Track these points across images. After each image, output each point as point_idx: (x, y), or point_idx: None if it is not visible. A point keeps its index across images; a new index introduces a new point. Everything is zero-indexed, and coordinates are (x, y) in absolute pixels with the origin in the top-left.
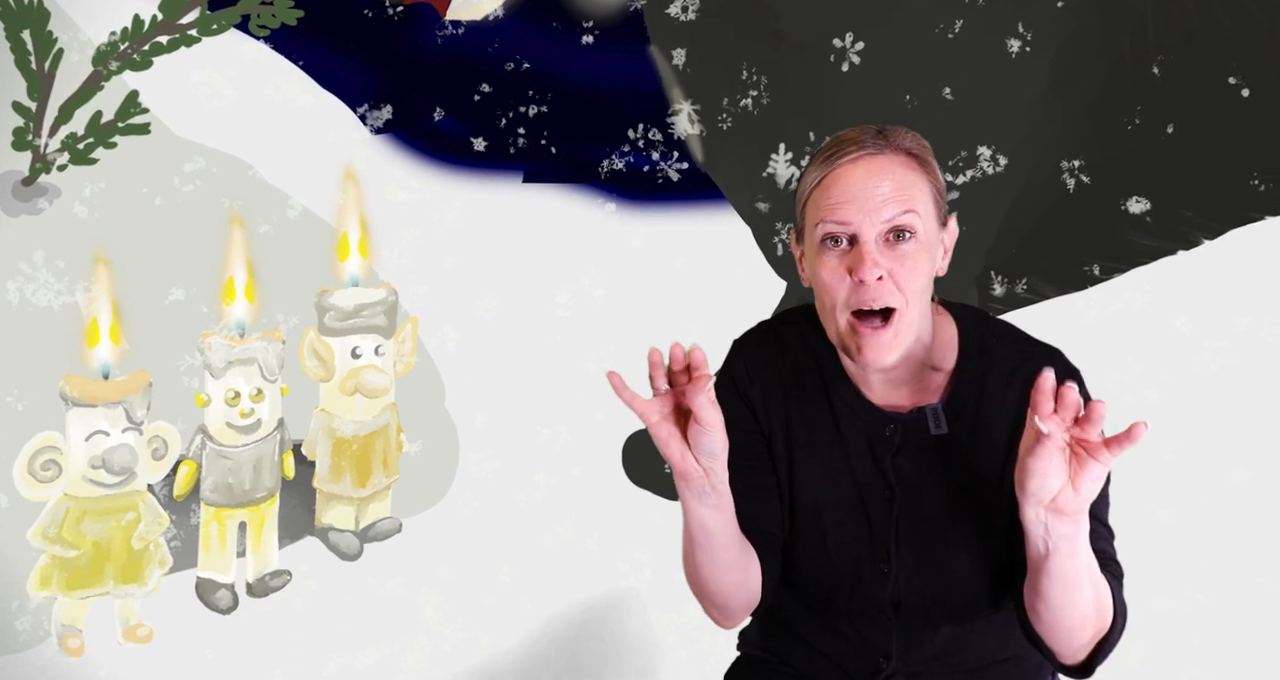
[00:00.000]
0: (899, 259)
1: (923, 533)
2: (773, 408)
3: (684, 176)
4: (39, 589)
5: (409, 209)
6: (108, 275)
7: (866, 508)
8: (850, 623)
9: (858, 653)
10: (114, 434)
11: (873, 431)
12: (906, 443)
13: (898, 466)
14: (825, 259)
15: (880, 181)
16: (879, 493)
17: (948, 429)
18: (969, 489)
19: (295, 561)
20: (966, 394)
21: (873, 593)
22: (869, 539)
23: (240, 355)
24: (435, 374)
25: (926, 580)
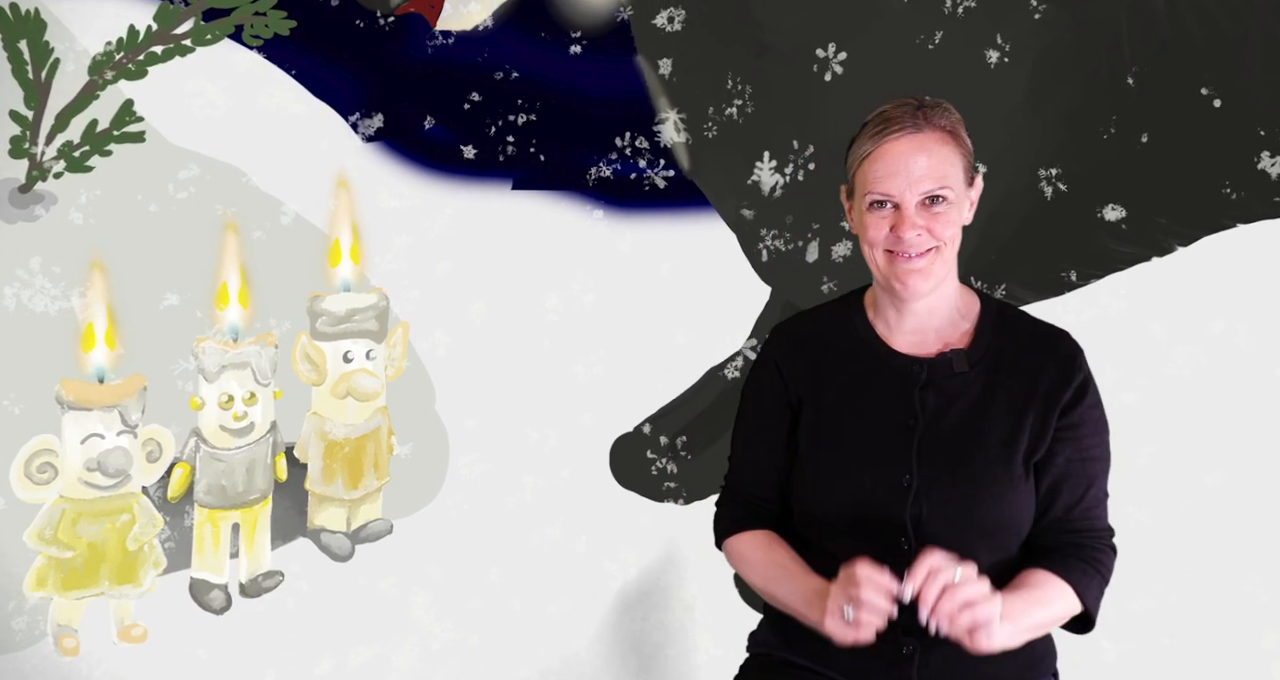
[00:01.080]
0: (933, 217)
1: (943, 455)
2: (804, 372)
3: (670, 184)
4: (35, 589)
5: (400, 216)
6: (103, 281)
7: (890, 437)
8: (868, 550)
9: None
10: (109, 437)
11: (901, 373)
12: (932, 379)
13: (923, 398)
14: (871, 217)
15: (919, 157)
16: (903, 423)
17: (969, 369)
18: (986, 424)
19: (288, 562)
20: (987, 344)
21: (893, 511)
22: (891, 462)
23: (233, 359)
24: (426, 378)
25: (945, 494)
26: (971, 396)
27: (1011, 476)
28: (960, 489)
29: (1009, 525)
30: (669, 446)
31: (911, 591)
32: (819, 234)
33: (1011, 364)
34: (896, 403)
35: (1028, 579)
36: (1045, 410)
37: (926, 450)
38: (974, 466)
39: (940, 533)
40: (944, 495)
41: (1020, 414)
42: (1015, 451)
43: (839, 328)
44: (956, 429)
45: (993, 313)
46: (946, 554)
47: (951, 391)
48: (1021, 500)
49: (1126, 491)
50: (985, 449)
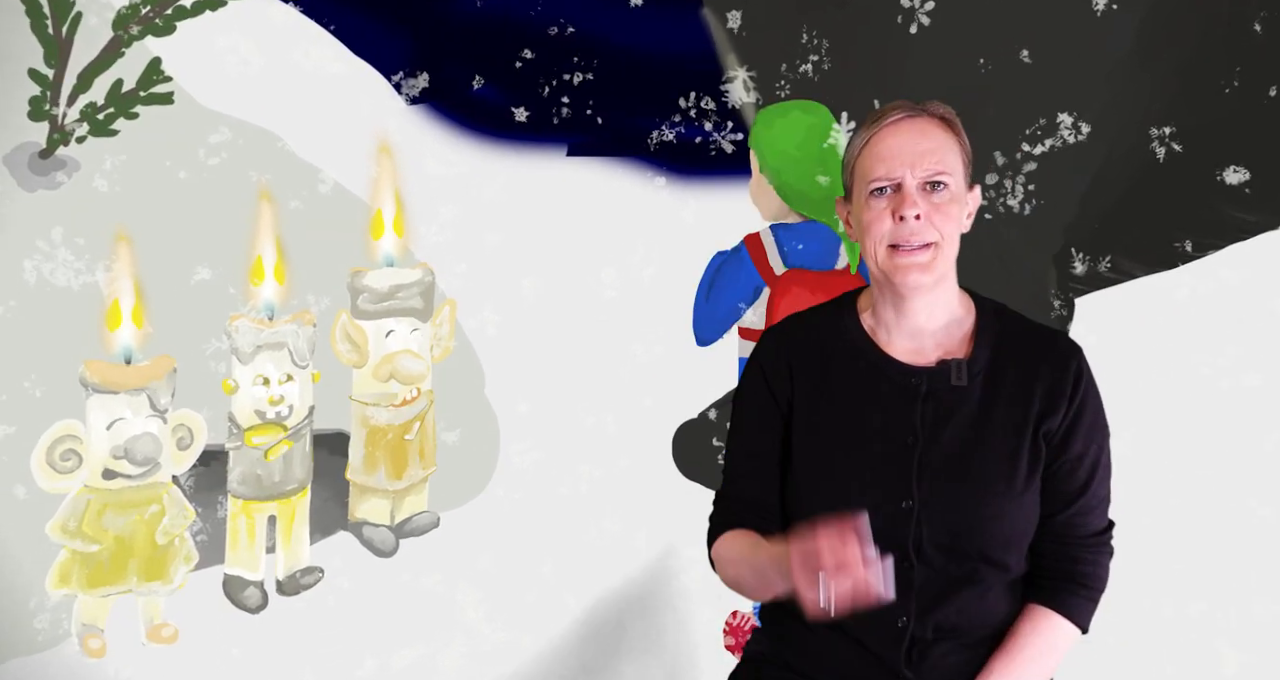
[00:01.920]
0: (935, 206)
1: (943, 473)
2: (801, 379)
3: (738, 148)
4: (58, 586)
5: (446, 184)
6: (130, 254)
7: (889, 454)
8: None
9: (876, 615)
10: (137, 422)
11: (900, 385)
12: (932, 392)
13: (923, 413)
14: (872, 204)
15: (920, 139)
16: (902, 438)
17: (967, 381)
18: (987, 435)
19: (327, 557)
20: (986, 353)
21: (895, 532)
22: (891, 480)
23: (269, 339)
24: (474, 359)
25: (946, 515)
26: (971, 408)
27: (1014, 492)
28: (962, 510)
29: (1013, 540)
30: None
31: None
32: None
33: (1010, 370)
34: (895, 417)
35: (1024, 627)
36: (1044, 415)
37: (927, 470)
38: (976, 486)
39: (942, 553)
40: (946, 518)
41: (1021, 423)
42: (1017, 465)
43: (834, 332)
44: (957, 445)
45: (989, 316)
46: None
47: (951, 404)
48: (1025, 514)
49: (1250, 484)
50: (987, 466)
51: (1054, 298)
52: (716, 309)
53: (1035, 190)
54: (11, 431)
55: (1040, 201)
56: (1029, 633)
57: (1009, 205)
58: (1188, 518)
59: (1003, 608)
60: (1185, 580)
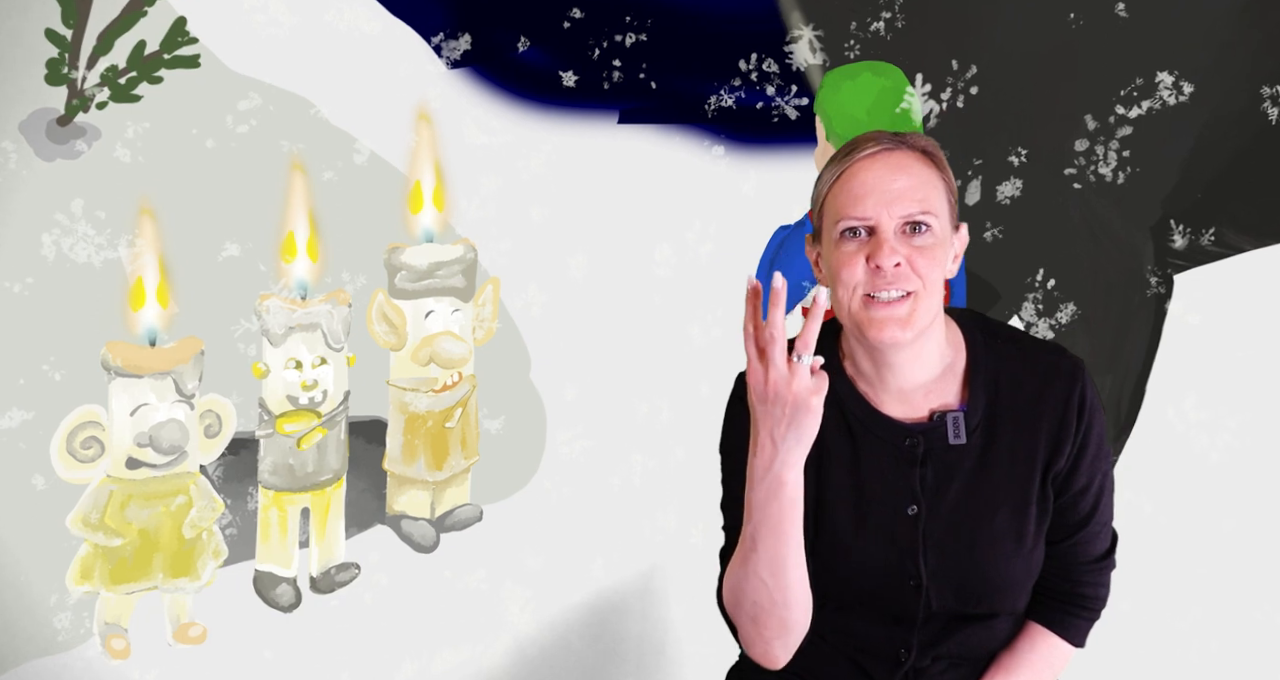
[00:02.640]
0: (917, 249)
1: (949, 541)
2: None
3: (803, 114)
4: (79, 583)
5: (489, 154)
6: (154, 228)
7: (892, 525)
8: (873, 622)
9: (877, 647)
10: (162, 408)
11: (893, 445)
12: (929, 452)
13: (922, 477)
14: (843, 248)
15: (897, 176)
16: (903, 508)
17: (965, 438)
18: (991, 493)
19: (364, 553)
20: (982, 399)
21: (902, 603)
22: (896, 556)
23: (302, 320)
24: (519, 342)
25: (955, 588)
26: (973, 465)
27: (1024, 549)
28: (971, 579)
29: (1022, 591)
30: None
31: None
32: (981, 171)
33: (1011, 412)
34: (893, 484)
35: (1022, 646)
36: (1051, 458)
37: (932, 540)
38: (984, 552)
39: (951, 611)
40: (954, 587)
41: (1027, 474)
42: (1025, 520)
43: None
44: (961, 510)
45: (980, 352)
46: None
47: (951, 463)
48: (1034, 562)
49: None
50: (994, 528)
51: (1150, 274)
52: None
53: (1130, 157)
54: (29, 418)
55: (1136, 169)
56: (1027, 651)
57: (1101, 174)
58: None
59: (1006, 632)
60: None
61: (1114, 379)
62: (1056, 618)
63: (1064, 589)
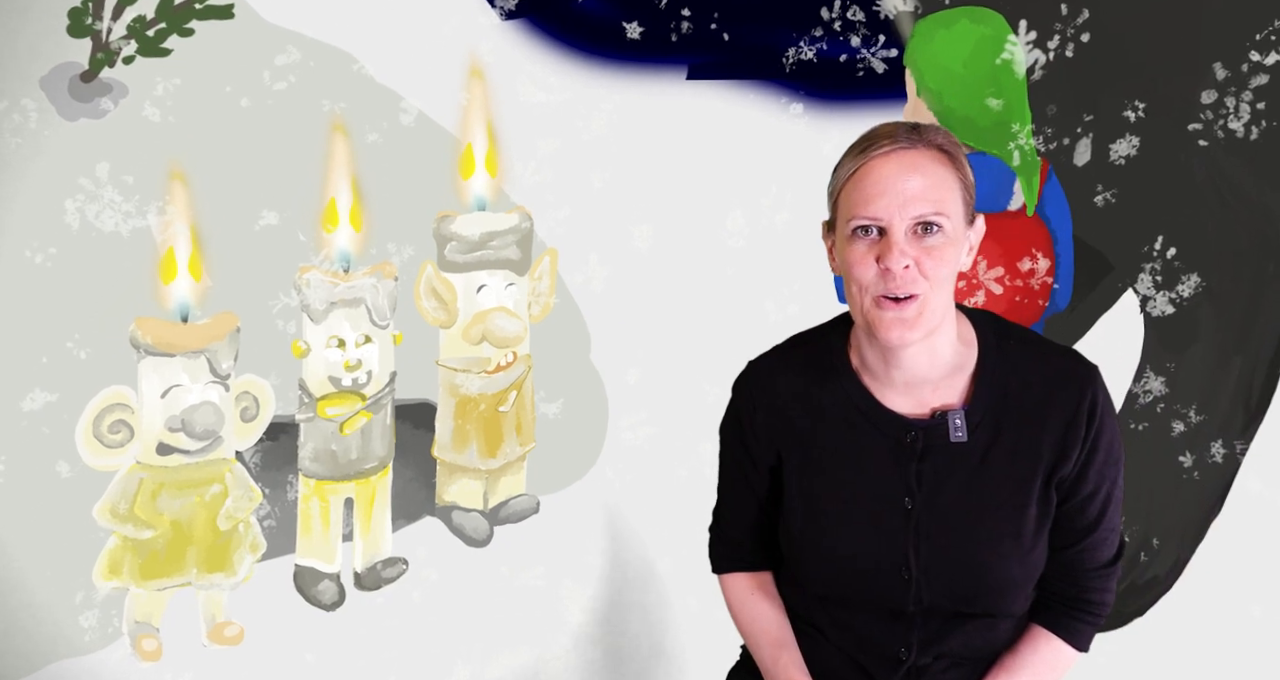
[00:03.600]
0: (926, 250)
1: (944, 537)
2: (783, 429)
3: (892, 67)
4: (107, 578)
5: (547, 113)
6: (185, 194)
7: (886, 517)
8: (871, 617)
9: (877, 645)
10: (195, 389)
11: (894, 439)
12: (929, 448)
13: (919, 472)
14: (855, 246)
15: (911, 176)
16: (898, 501)
17: (967, 436)
18: (990, 492)
19: (412, 547)
20: (987, 399)
21: (894, 596)
22: (888, 547)
23: (345, 295)
24: (578, 319)
25: (949, 584)
26: (973, 463)
27: (1021, 550)
28: (965, 576)
29: (1020, 592)
30: None
31: None
32: (1092, 128)
33: (1016, 414)
34: (890, 477)
35: (1025, 648)
36: (1056, 463)
37: (926, 534)
38: (979, 550)
39: (945, 609)
40: (948, 584)
41: (1028, 475)
42: (1024, 520)
43: (820, 374)
44: (958, 507)
45: (991, 352)
46: None
47: (951, 459)
48: (1033, 564)
49: None
50: (992, 526)
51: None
52: None
53: (1266, 110)
54: (53, 400)
55: (1273, 123)
56: (1030, 654)
57: (1231, 129)
58: None
59: (1008, 633)
60: None
61: (1243, 360)
62: (1061, 622)
63: (1070, 593)
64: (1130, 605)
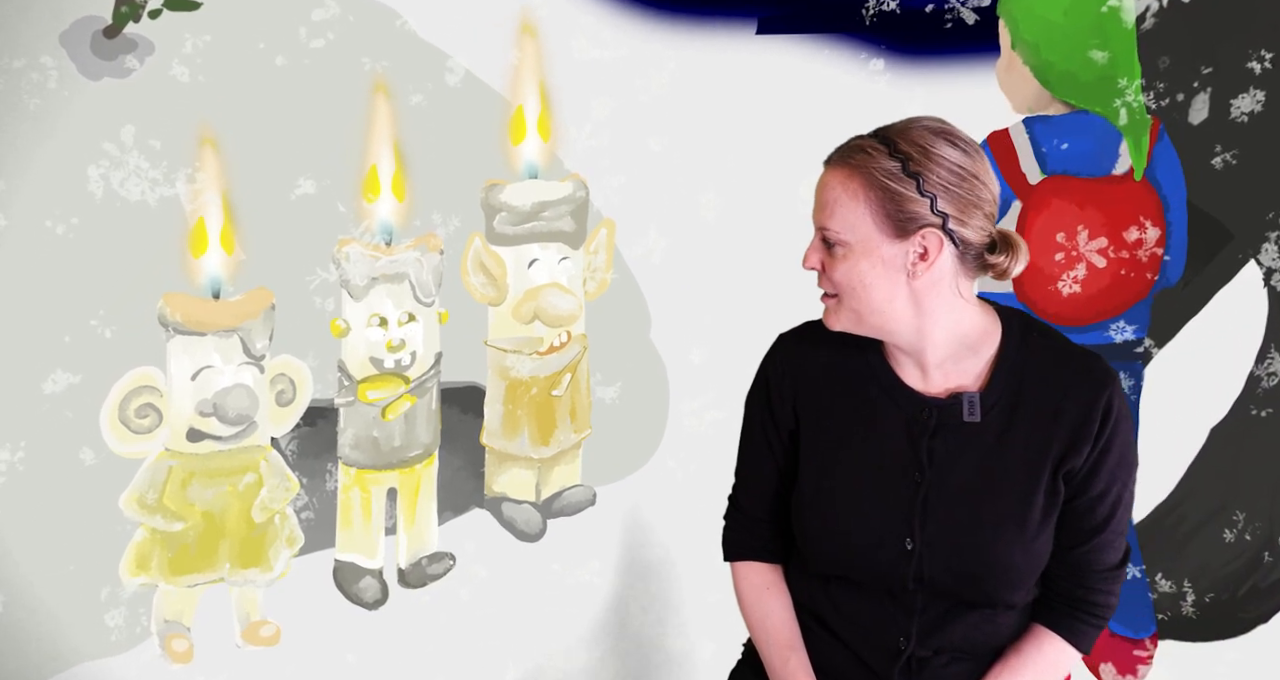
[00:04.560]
0: (830, 258)
1: (950, 513)
2: (806, 398)
3: (983, 18)
4: (135, 573)
5: (603, 72)
6: (216, 161)
7: (893, 488)
8: (872, 602)
9: (877, 634)
10: (228, 371)
11: (910, 415)
12: (942, 426)
13: (931, 448)
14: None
15: (824, 191)
16: (909, 474)
17: (981, 417)
18: (999, 474)
19: (459, 541)
20: (1004, 384)
21: (895, 570)
22: (892, 518)
23: (387, 269)
24: (637, 295)
25: (951, 558)
26: (985, 444)
27: (1026, 537)
28: (968, 554)
29: (1022, 582)
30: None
31: None
32: (1210, 81)
33: (1031, 403)
34: (902, 450)
35: (1028, 647)
36: (1066, 454)
37: (932, 509)
38: (984, 529)
39: (947, 590)
40: (950, 561)
41: (1038, 463)
42: (1031, 507)
43: (850, 347)
44: (966, 486)
45: (1014, 340)
46: None
47: (963, 439)
48: (1037, 555)
49: None
50: (998, 507)
51: None
52: None
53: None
54: (76, 381)
55: None
56: (1033, 652)
57: None
58: None
59: (1009, 629)
60: None
61: None
62: (1065, 622)
63: (1076, 594)
64: (1253, 610)
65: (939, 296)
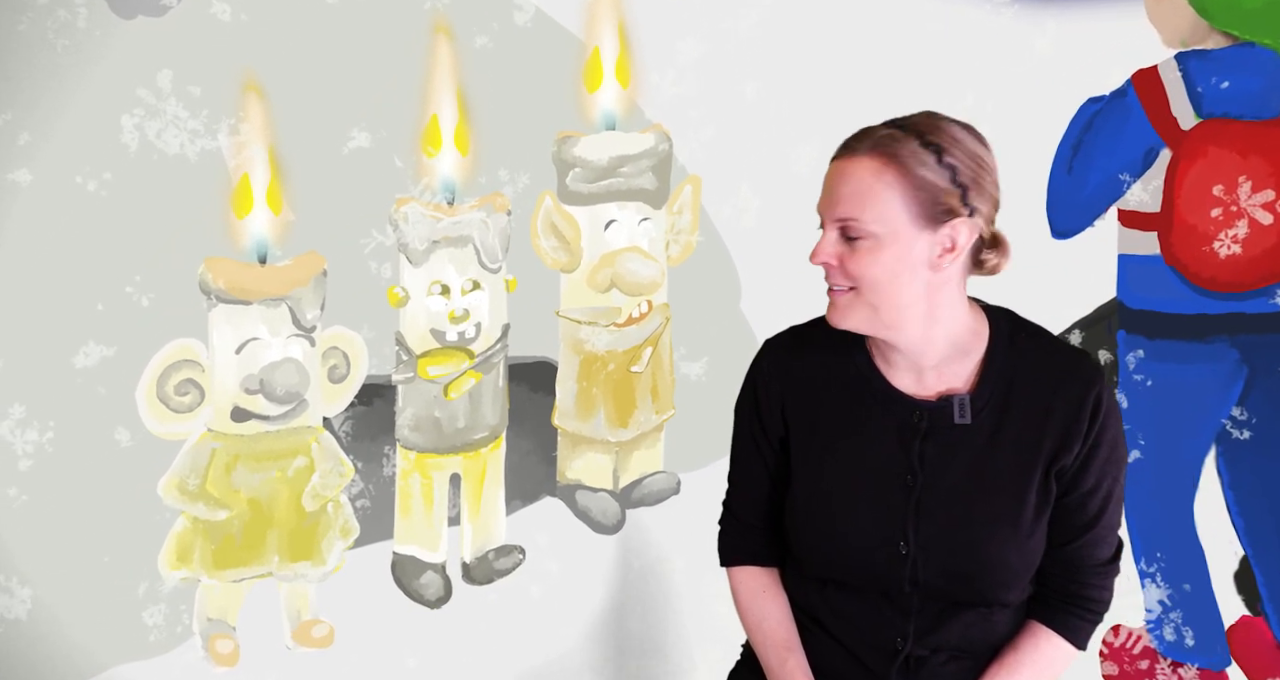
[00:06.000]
0: (851, 251)
1: (943, 515)
2: (795, 403)
3: None
4: (175, 567)
5: (690, 9)
6: (263, 110)
7: (886, 492)
8: (868, 604)
9: (873, 635)
10: (275, 344)
11: (900, 419)
12: (933, 429)
13: (923, 451)
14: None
15: (841, 184)
16: (900, 477)
17: (971, 419)
18: (991, 475)
19: (529, 533)
20: (993, 385)
21: (890, 573)
22: (886, 522)
23: (449, 231)
24: (726, 260)
25: (945, 560)
26: (976, 446)
27: (1019, 536)
28: (962, 556)
29: (1016, 581)
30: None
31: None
32: None
33: (1021, 403)
34: (893, 454)
35: (1024, 644)
36: (1057, 452)
37: (925, 511)
38: (977, 531)
39: (942, 591)
40: (944, 563)
41: (1029, 462)
42: (1023, 507)
43: (837, 351)
44: (958, 487)
45: (1002, 342)
46: None
47: (954, 441)
48: (1030, 553)
49: None
50: (990, 509)
51: None
52: (1084, 183)
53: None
54: (110, 354)
55: None
56: (1029, 650)
57: None
58: None
59: (1006, 627)
60: None
61: None
62: (1060, 618)
63: (1070, 590)
64: None
65: (947, 294)
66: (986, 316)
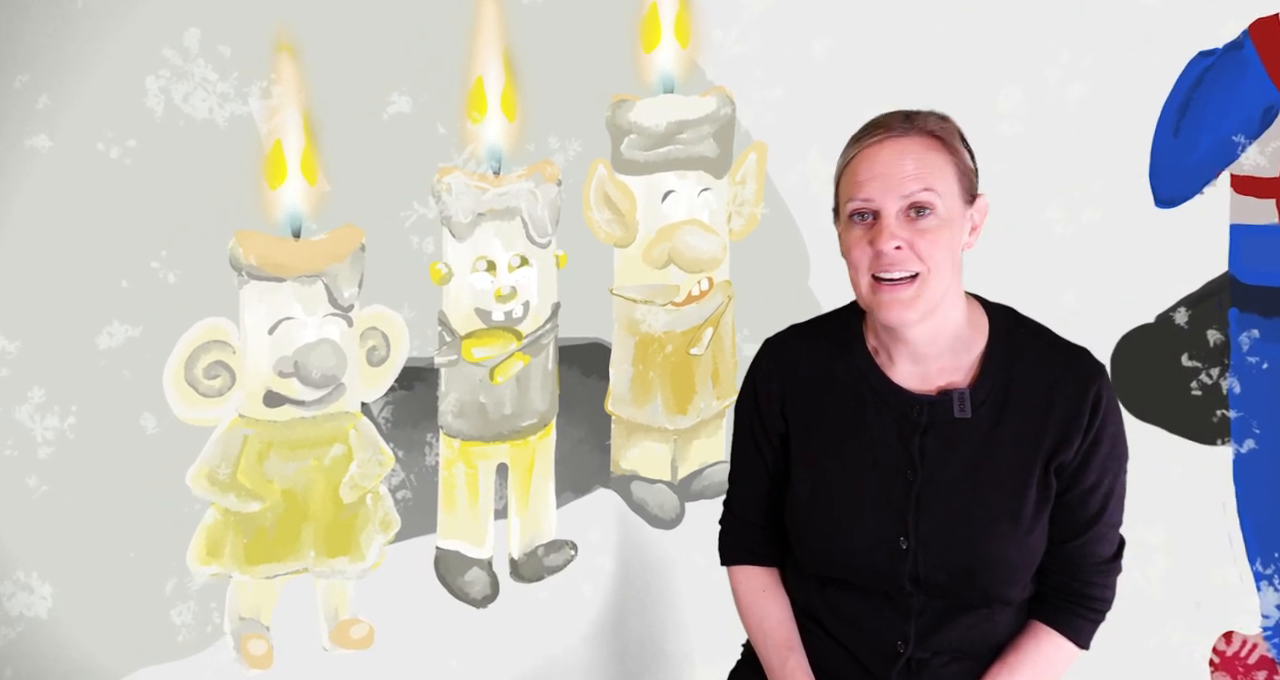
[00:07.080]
0: (919, 232)
1: (943, 510)
2: (795, 401)
3: None
4: (205, 562)
5: None
6: (296, 72)
7: (887, 488)
8: (869, 605)
9: (875, 636)
10: (311, 324)
11: (900, 414)
12: (933, 423)
13: (923, 446)
14: (852, 231)
15: (902, 160)
16: (901, 473)
17: (971, 413)
18: (991, 469)
19: (581, 527)
20: (993, 380)
21: (891, 570)
22: (887, 517)
23: (495, 203)
24: (794, 234)
25: (946, 556)
26: (976, 440)
27: (1019, 531)
28: (962, 550)
29: (1017, 578)
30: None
31: None
32: None
33: (1020, 398)
34: (894, 449)
35: (1026, 644)
36: (1057, 448)
37: (926, 506)
38: (978, 525)
39: (943, 589)
40: (945, 558)
41: (1029, 457)
42: (1023, 502)
43: (836, 350)
44: (958, 482)
45: (1002, 337)
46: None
47: (954, 435)
48: (1031, 550)
49: None
50: (990, 504)
51: None
52: (1193, 146)
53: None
54: (136, 334)
55: None
56: (1031, 650)
57: None
58: None
59: (1007, 627)
60: None
61: None
62: (1062, 617)
63: (1072, 588)
64: None
65: (958, 279)
66: (985, 312)
